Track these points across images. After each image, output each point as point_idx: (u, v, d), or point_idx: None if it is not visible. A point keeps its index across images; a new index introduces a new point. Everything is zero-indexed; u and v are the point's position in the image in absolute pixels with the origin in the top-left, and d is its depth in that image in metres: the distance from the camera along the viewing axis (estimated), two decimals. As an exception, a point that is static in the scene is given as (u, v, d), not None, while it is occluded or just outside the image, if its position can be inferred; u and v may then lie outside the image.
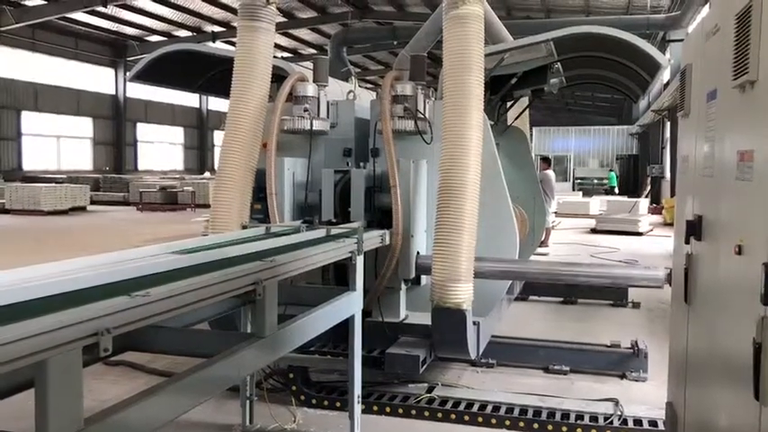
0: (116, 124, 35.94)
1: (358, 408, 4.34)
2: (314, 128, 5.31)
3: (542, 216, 8.76)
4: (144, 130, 38.10)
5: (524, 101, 8.13)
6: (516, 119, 8.24)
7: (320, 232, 4.28)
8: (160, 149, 39.58)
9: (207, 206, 24.51)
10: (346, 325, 4.08)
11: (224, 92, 5.46)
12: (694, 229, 3.03)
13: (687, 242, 3.23)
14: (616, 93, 9.02)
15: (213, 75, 7.25)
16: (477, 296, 4.68)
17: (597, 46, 6.29)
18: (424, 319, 5.18)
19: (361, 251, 4.22)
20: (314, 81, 5.50)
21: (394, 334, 5.14)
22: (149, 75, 6.59)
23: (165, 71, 6.67)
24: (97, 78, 34.66)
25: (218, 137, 43.83)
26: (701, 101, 3.09)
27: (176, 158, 41.14)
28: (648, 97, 24.46)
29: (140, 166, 37.54)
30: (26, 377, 2.30)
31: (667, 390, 3.88)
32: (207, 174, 36.08)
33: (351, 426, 4.34)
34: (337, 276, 5.17)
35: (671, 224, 20.36)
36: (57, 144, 32.91)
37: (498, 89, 6.65)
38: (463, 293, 4.61)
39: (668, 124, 24.63)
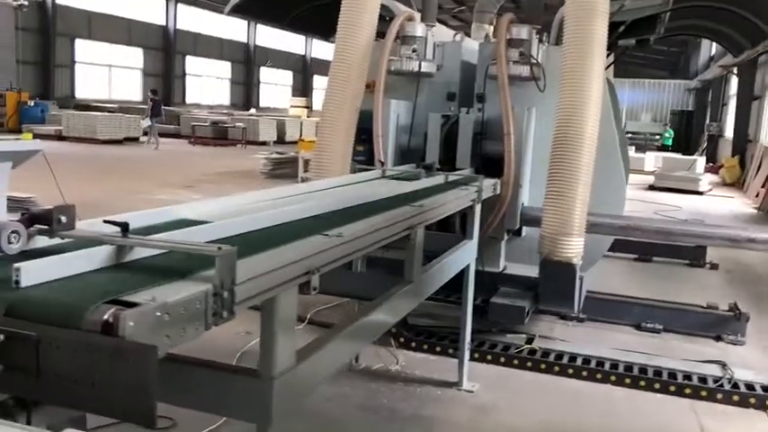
0: (165, 56, 35.94)
1: (467, 354, 4.37)
2: (422, 69, 5.18)
3: (628, 169, 8.55)
4: (192, 63, 38.07)
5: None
6: (607, 68, 7.96)
7: (439, 178, 4.22)
8: (207, 83, 39.58)
9: (256, 143, 24.64)
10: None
11: (309, 29, 5.33)
12: None
13: None
14: (676, 45, 8.60)
15: (300, 12, 7.12)
16: (581, 250, 4.61)
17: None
18: (523, 270, 5.16)
19: (480, 199, 4.17)
20: (422, 20, 5.35)
21: (493, 284, 5.12)
22: (245, 8, 6.48)
23: (259, 4, 6.55)
24: (149, 8, 34.53)
25: (264, 73, 43.68)
26: None
27: (223, 93, 41.13)
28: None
29: (188, 100, 37.66)
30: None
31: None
32: (252, 110, 36.09)
33: (459, 371, 4.38)
34: (440, 223, 5.12)
35: (731, 184, 19.90)
36: (108, 73, 33.13)
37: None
38: (574, 247, 4.53)
39: (735, 80, 23.65)
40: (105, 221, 1.77)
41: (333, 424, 3.80)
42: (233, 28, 40.04)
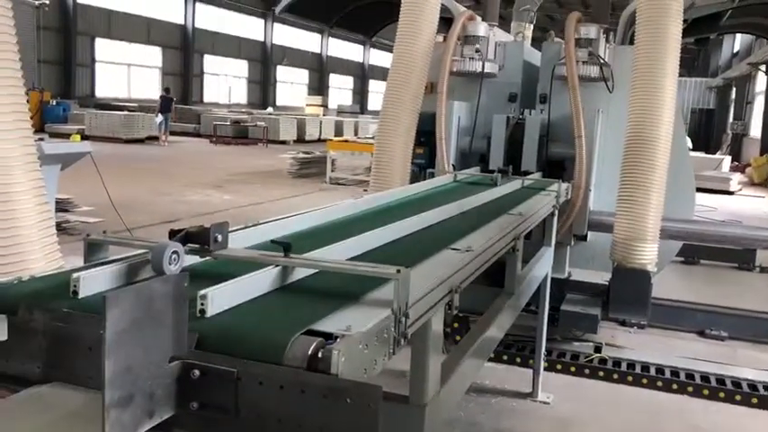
0: (184, 55, 35.96)
1: (543, 364, 4.25)
2: (485, 70, 5.06)
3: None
4: (210, 62, 38.08)
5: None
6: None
7: (516, 183, 4.09)
8: (225, 82, 39.60)
9: (276, 142, 24.60)
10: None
11: (351, 28, 5.22)
12: None
13: None
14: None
15: (347, 12, 6.98)
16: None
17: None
18: (589, 276, 5.03)
19: (558, 205, 4.05)
20: (483, 20, 5.22)
21: (560, 290, 4.98)
22: (296, 8, 6.36)
23: (309, 5, 6.42)
24: (167, 7, 34.57)
25: (281, 72, 43.65)
26: None
27: (240, 92, 41.14)
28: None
29: (206, 99, 37.68)
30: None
31: None
32: (270, 109, 36.08)
33: (533, 381, 4.26)
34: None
35: (759, 184, 19.60)
36: (127, 72, 33.18)
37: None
38: (648, 254, 4.42)
39: (762, 78, 23.30)
40: (273, 242, 1.66)
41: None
42: (250, 27, 40.04)
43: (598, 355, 4.77)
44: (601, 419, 4.01)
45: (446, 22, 5.52)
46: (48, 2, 24.97)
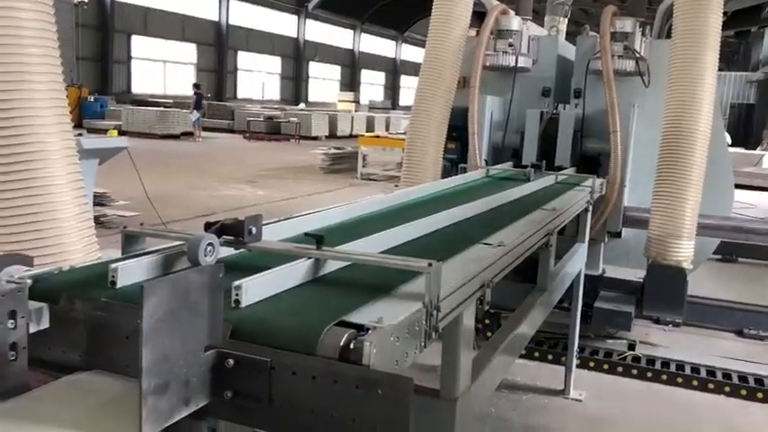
0: (218, 51, 36.34)
1: (575, 361, 4.22)
2: (518, 64, 5.01)
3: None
4: (244, 59, 38.42)
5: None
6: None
7: (550, 179, 4.05)
8: (258, 78, 39.93)
9: (308, 138, 24.73)
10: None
11: (384, 23, 5.21)
12: None
13: None
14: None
15: (380, 6, 6.98)
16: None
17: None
18: (623, 273, 4.96)
19: (593, 201, 4.00)
20: (517, 14, 5.18)
21: (593, 287, 4.92)
22: (328, 3, 6.38)
23: (341, 0, 6.44)
24: (202, 4, 34.96)
25: (313, 68, 43.82)
26: None
27: (273, 88, 41.43)
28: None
29: (239, 95, 38.04)
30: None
31: None
32: (302, 105, 36.27)
33: (566, 378, 4.23)
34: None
35: (803, 182, 19.04)
36: (163, 68, 33.66)
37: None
38: (685, 251, 4.35)
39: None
40: (306, 235, 1.67)
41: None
42: (283, 23, 40.27)
43: (632, 352, 4.72)
44: (633, 418, 3.96)
45: (479, 16, 5.50)
46: (86, 0, 25.47)
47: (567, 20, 9.12)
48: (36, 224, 2.17)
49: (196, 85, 25.20)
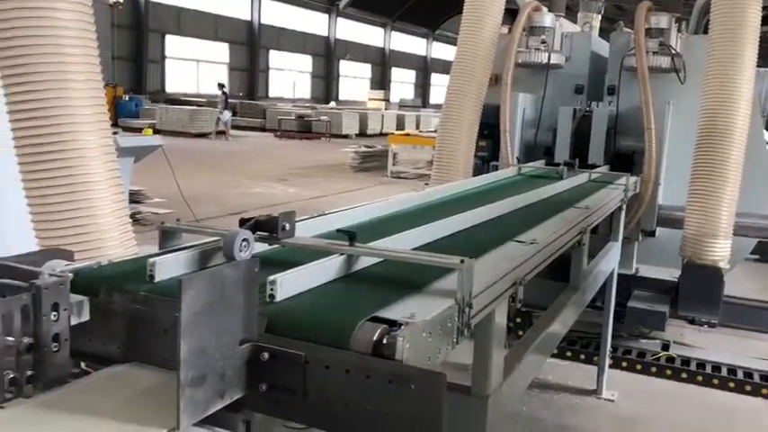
0: (250, 50, 36.67)
1: (608, 361, 4.17)
2: (551, 61, 4.97)
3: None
4: (275, 58, 38.72)
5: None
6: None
7: (583, 177, 4.02)
8: (289, 77, 40.20)
9: (339, 136, 24.83)
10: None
11: (414, 21, 5.19)
12: None
13: None
14: None
15: (411, 4, 6.98)
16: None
17: None
18: (657, 272, 4.89)
19: (627, 199, 3.96)
20: (550, 10, 5.13)
21: (627, 287, 4.86)
22: (359, 1, 6.40)
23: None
24: (234, 3, 35.32)
25: (344, 66, 43.95)
26: None
27: (304, 87, 41.68)
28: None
29: (271, 93, 38.34)
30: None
31: None
32: (332, 103, 36.40)
33: (598, 378, 4.19)
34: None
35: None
36: (196, 68, 34.09)
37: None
38: (721, 250, 4.27)
39: None
40: (338, 231, 1.69)
41: None
42: (314, 22, 40.46)
43: (666, 353, 4.64)
44: (666, 419, 3.91)
45: (511, 13, 5.46)
46: (122, 0, 25.89)
47: (600, 16, 8.99)
48: (76, 220, 2.23)
49: (221, 85, 25.44)
